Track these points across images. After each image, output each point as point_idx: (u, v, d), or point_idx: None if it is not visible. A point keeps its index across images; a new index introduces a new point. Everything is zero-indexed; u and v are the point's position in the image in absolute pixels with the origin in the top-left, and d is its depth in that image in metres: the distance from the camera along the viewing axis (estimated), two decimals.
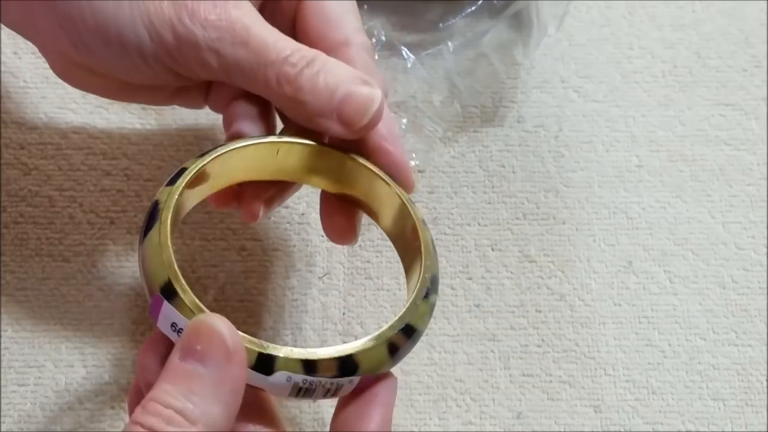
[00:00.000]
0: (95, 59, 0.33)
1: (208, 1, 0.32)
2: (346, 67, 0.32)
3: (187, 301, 0.28)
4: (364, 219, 0.37)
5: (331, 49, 0.33)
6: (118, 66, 0.33)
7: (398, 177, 0.34)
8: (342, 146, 0.34)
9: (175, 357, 0.27)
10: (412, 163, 0.43)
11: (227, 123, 0.34)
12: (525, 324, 0.41)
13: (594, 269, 0.42)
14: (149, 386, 0.27)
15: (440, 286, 0.41)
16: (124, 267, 0.41)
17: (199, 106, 0.37)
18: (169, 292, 0.28)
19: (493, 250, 0.42)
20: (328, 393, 0.29)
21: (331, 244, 0.42)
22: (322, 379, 0.29)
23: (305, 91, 0.31)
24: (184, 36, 0.31)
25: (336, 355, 0.29)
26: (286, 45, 0.32)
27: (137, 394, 0.30)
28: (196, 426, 0.26)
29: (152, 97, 0.36)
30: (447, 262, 0.42)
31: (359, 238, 0.42)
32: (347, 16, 0.34)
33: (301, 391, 0.29)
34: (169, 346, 0.28)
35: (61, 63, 0.35)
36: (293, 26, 0.35)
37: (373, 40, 0.45)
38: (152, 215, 0.30)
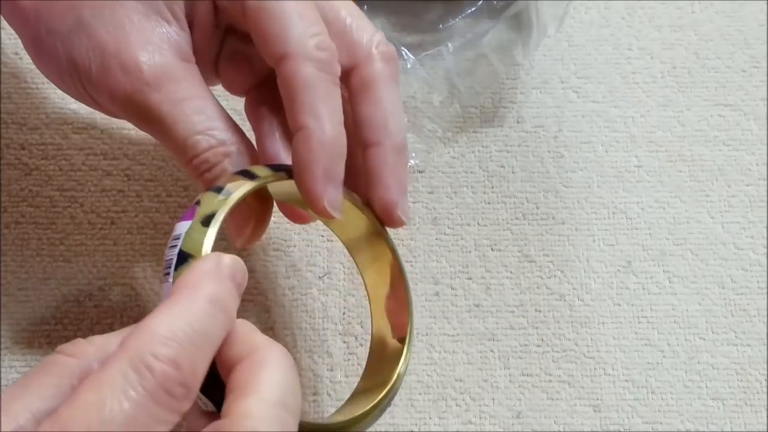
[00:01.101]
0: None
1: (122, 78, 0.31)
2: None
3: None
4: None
5: (274, 65, 0.31)
6: (54, 80, 0.33)
7: (387, 220, 0.34)
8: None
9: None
10: (411, 162, 0.43)
11: (258, 132, 0.34)
12: (525, 324, 0.41)
13: (593, 269, 0.42)
14: None
15: (441, 286, 0.42)
16: (125, 267, 0.41)
17: (211, 84, 0.36)
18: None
19: (492, 250, 0.42)
20: None
21: (331, 244, 0.42)
22: None
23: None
24: (105, 91, 0.32)
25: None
26: (198, 142, 0.31)
27: None
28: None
29: None
30: (447, 262, 0.42)
31: None
32: (287, 26, 0.30)
33: None
34: None
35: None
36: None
37: None
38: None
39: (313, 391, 0.40)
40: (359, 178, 0.33)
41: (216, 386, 0.26)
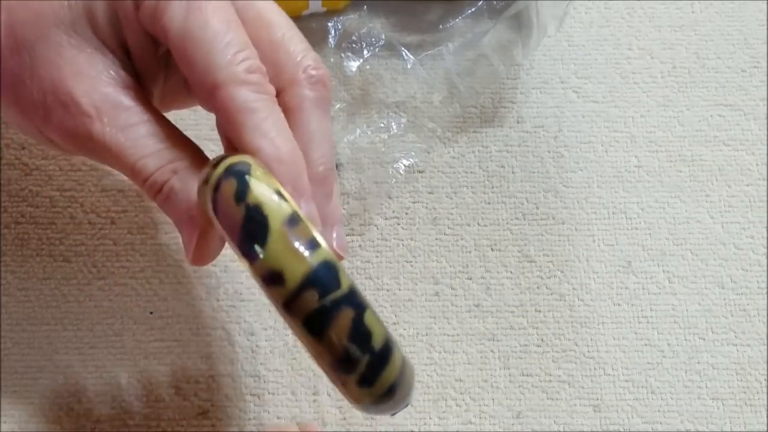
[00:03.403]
0: None
1: (64, 114, 0.30)
2: (186, 194, 0.30)
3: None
4: (364, 219, 0.37)
5: (205, 98, 0.30)
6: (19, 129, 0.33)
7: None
8: None
9: None
10: (409, 161, 0.43)
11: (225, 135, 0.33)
12: (524, 324, 0.41)
13: (593, 269, 0.42)
14: None
15: (441, 286, 0.42)
16: (125, 267, 0.41)
17: (170, 104, 0.36)
18: None
19: (492, 250, 0.42)
20: None
21: None
22: None
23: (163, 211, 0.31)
24: (53, 135, 0.31)
25: None
26: (146, 165, 0.30)
27: None
28: None
29: None
30: (447, 262, 0.42)
31: (359, 238, 0.42)
32: (211, 53, 0.29)
33: None
34: None
35: None
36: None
37: (373, 40, 0.45)
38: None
39: (313, 391, 0.40)
40: None
41: None
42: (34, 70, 0.31)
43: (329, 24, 0.45)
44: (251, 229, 0.25)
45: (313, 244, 0.25)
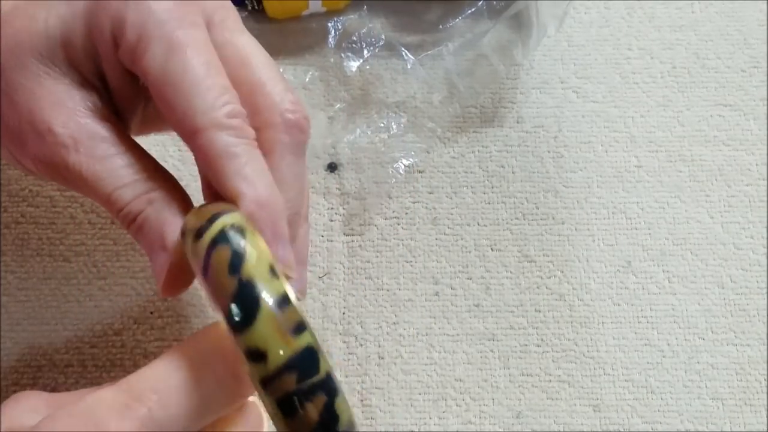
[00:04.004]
0: None
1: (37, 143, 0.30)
2: (158, 223, 0.30)
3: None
4: (364, 219, 0.37)
5: (187, 140, 0.29)
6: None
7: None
8: None
9: None
10: (409, 161, 0.43)
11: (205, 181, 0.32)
12: (524, 324, 0.41)
13: (593, 269, 0.42)
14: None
15: (441, 286, 0.42)
16: (125, 267, 0.41)
17: (169, 130, 0.35)
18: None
19: (492, 250, 0.42)
20: None
21: (331, 244, 0.42)
22: None
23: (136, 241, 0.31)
24: (30, 161, 0.31)
25: None
26: (121, 196, 0.30)
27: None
28: None
29: None
30: (447, 262, 0.42)
31: (359, 238, 0.42)
32: (192, 97, 0.29)
33: None
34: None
35: None
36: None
37: (373, 40, 0.45)
38: None
39: None
40: None
41: None
42: (10, 97, 0.30)
43: (329, 24, 0.45)
44: (241, 305, 0.25)
45: (299, 328, 0.25)
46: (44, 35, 0.30)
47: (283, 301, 0.26)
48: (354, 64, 0.44)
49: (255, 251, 0.26)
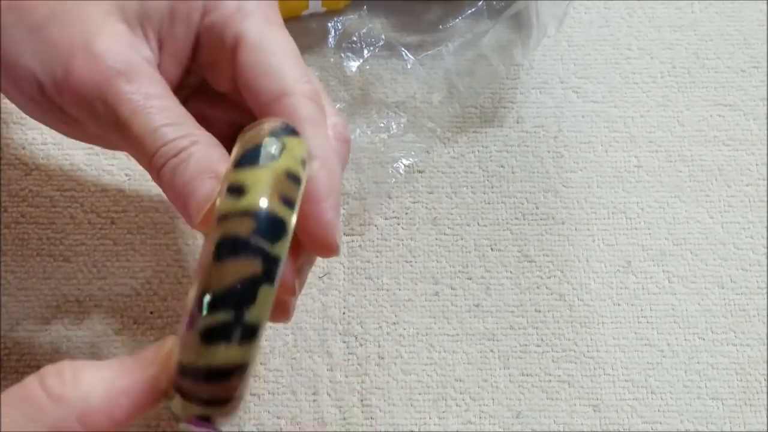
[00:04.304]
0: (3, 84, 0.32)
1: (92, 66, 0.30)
2: (207, 157, 0.30)
3: None
4: (364, 219, 0.37)
5: (270, 101, 0.30)
6: (15, 98, 0.32)
7: (318, 237, 0.30)
8: None
9: None
10: (409, 161, 0.43)
11: None
12: (524, 324, 0.41)
13: (593, 269, 0.42)
14: None
15: (441, 286, 0.42)
16: (125, 267, 0.41)
17: None
18: None
19: (492, 250, 0.42)
20: None
21: None
22: None
23: (164, 182, 0.30)
24: (67, 94, 0.30)
25: None
26: (166, 132, 0.30)
27: None
28: None
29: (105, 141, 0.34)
30: (447, 262, 0.42)
31: (360, 238, 0.42)
32: (286, 66, 0.31)
33: None
34: None
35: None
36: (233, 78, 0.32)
37: (373, 40, 0.45)
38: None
39: (313, 391, 0.40)
40: None
41: None
42: (67, 11, 0.30)
43: (329, 24, 0.45)
44: (263, 148, 0.26)
45: (289, 203, 0.25)
46: None
47: (293, 178, 0.26)
48: (354, 64, 0.45)
49: (300, 143, 0.27)
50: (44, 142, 0.43)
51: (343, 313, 0.41)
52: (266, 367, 0.40)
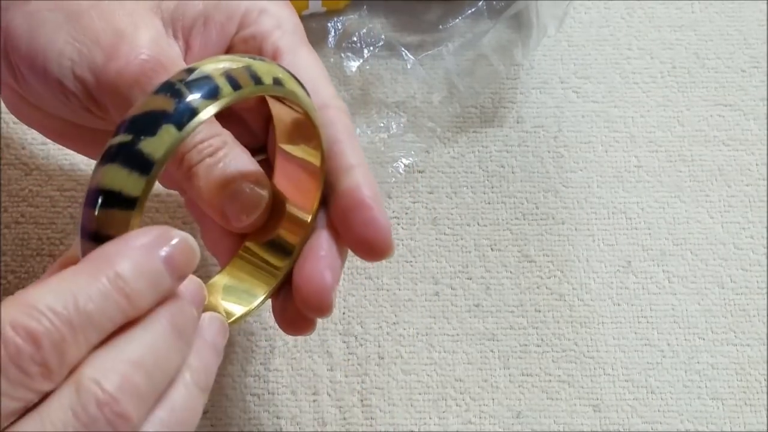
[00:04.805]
0: (26, 88, 0.32)
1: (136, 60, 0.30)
2: (246, 162, 0.31)
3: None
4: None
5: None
6: (43, 98, 0.32)
7: (374, 240, 0.30)
8: None
9: None
10: (408, 161, 0.43)
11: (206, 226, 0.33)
12: (524, 324, 0.41)
13: (593, 269, 0.42)
14: None
15: (441, 286, 0.42)
16: None
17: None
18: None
19: (492, 250, 0.42)
20: None
21: None
22: None
23: (200, 178, 0.30)
24: (104, 81, 0.30)
25: None
26: (199, 128, 0.30)
27: None
28: None
29: (94, 147, 0.34)
30: (447, 262, 0.42)
31: None
32: (321, 83, 0.32)
33: None
34: None
35: (10, 96, 0.34)
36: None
37: (373, 40, 0.45)
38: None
39: (313, 391, 0.40)
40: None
41: None
42: (107, 2, 0.30)
43: (329, 24, 0.45)
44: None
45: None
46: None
47: (252, 73, 0.26)
48: (354, 64, 0.45)
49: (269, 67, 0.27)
50: (44, 142, 0.43)
51: (343, 313, 0.41)
52: (266, 367, 0.40)
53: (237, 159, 0.31)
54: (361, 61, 0.45)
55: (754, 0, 0.48)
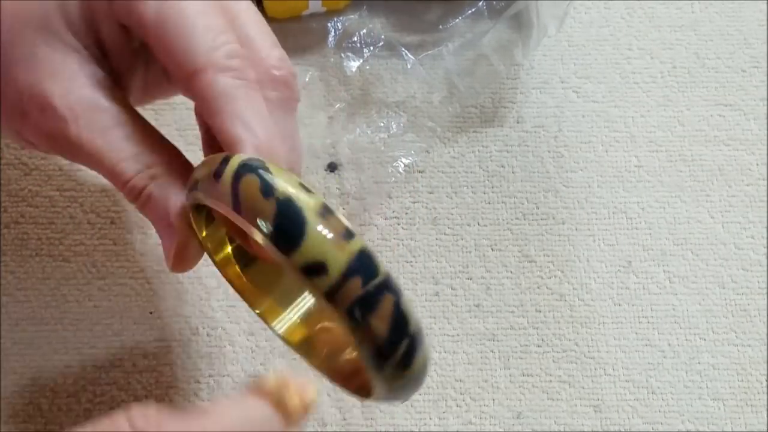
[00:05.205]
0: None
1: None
2: (163, 199, 0.30)
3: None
4: (364, 219, 0.37)
5: (184, 81, 0.29)
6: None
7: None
8: None
9: None
10: (408, 160, 0.43)
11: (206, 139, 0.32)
12: (525, 324, 0.41)
13: (593, 269, 0.42)
14: None
15: (441, 286, 0.42)
16: (125, 267, 0.41)
17: (172, 95, 0.35)
18: None
19: (492, 250, 0.42)
20: None
21: None
22: None
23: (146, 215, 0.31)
24: (30, 135, 0.31)
25: None
26: (125, 169, 0.30)
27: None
28: None
29: None
30: (447, 262, 0.42)
31: None
32: (192, 37, 0.28)
33: None
34: None
35: None
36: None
37: (373, 40, 0.45)
38: None
39: None
40: None
41: None
42: (9, 73, 0.30)
43: (329, 24, 0.45)
44: (286, 223, 0.25)
45: (349, 234, 0.25)
46: (38, 4, 0.30)
47: (326, 210, 0.25)
48: (354, 64, 0.44)
49: (281, 171, 0.26)
50: None
51: None
52: (266, 367, 0.40)
53: (159, 200, 0.30)
54: (361, 61, 0.45)
55: (754, 0, 0.48)
